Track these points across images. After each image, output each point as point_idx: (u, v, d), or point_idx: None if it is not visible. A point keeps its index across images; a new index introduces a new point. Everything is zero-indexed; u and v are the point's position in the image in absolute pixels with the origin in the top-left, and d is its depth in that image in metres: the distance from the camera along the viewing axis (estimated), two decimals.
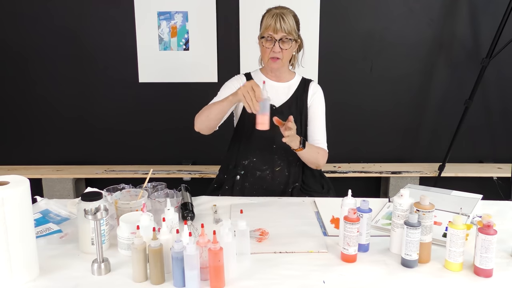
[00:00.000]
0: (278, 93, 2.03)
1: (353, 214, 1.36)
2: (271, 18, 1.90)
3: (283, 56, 1.94)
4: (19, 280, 1.25)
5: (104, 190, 1.67)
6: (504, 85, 3.20)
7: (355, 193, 1.48)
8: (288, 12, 1.93)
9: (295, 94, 2.04)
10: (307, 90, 2.06)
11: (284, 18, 1.89)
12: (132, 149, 3.29)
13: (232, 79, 2.08)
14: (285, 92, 2.04)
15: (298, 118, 2.02)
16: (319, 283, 1.27)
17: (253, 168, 2.02)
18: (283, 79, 2.05)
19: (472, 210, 1.63)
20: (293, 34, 1.92)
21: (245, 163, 2.03)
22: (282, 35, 1.90)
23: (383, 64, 3.17)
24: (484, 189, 2.50)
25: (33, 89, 3.20)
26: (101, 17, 3.09)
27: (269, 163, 2.02)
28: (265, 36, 1.92)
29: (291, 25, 1.91)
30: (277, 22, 1.89)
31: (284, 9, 1.94)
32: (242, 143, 2.05)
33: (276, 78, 2.05)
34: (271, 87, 1.98)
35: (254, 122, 1.88)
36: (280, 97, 2.03)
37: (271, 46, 1.92)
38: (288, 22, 1.90)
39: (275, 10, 1.92)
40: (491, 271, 1.30)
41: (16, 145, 3.29)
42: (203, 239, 1.24)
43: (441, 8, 3.09)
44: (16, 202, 1.20)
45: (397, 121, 3.26)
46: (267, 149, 2.02)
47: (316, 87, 2.08)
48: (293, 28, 1.92)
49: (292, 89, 2.05)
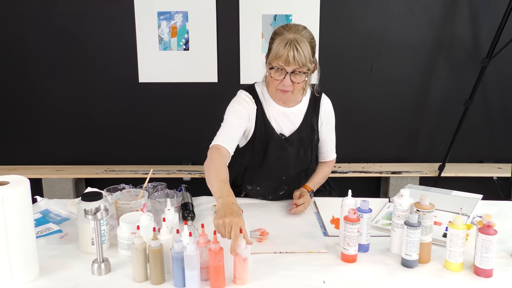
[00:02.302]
0: (288, 120, 1.82)
1: (353, 214, 1.37)
2: (284, 47, 1.59)
3: (294, 88, 1.67)
4: (19, 280, 1.25)
5: (104, 190, 1.67)
6: (504, 85, 3.20)
7: (355, 193, 1.48)
8: (304, 38, 1.62)
9: (305, 119, 1.83)
10: (317, 111, 1.85)
11: (298, 48, 1.59)
12: (132, 149, 3.29)
13: (239, 98, 1.79)
14: (295, 118, 1.83)
15: (309, 145, 1.87)
16: (319, 283, 1.27)
17: (256, 194, 1.90)
18: (291, 103, 1.81)
19: (472, 210, 1.63)
20: (307, 65, 1.63)
21: (249, 188, 1.90)
22: (294, 67, 1.62)
23: (383, 64, 3.17)
24: (484, 189, 2.50)
25: (33, 89, 3.19)
26: (101, 17, 3.09)
27: (274, 190, 1.89)
28: (274, 67, 1.65)
29: (306, 56, 1.60)
30: (290, 52, 1.59)
31: (299, 33, 1.63)
32: (249, 168, 1.90)
33: (284, 103, 1.80)
34: (279, 113, 1.82)
35: (263, 154, 1.81)
36: (288, 125, 1.83)
37: (281, 78, 1.65)
38: (303, 53, 1.59)
39: (288, 35, 1.61)
40: (491, 271, 1.30)
41: (16, 145, 3.29)
42: (203, 239, 1.24)
43: (441, 8, 3.09)
44: (16, 202, 1.20)
45: (397, 121, 3.26)
46: (276, 180, 1.87)
47: (326, 105, 1.88)
48: (308, 58, 1.62)
49: (302, 112, 1.83)
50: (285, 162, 1.85)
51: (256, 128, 1.81)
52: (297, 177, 1.90)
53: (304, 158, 1.89)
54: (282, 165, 1.86)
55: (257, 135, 1.82)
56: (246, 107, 1.77)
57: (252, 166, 1.89)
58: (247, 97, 1.80)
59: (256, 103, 1.80)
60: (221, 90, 3.07)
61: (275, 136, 1.82)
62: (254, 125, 1.81)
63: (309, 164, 1.92)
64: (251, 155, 1.86)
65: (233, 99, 1.81)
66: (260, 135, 1.82)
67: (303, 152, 1.87)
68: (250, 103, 1.79)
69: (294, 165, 1.87)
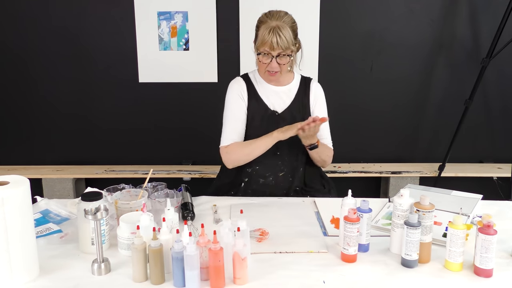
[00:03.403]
0: (280, 98, 1.99)
1: (353, 214, 1.36)
2: (268, 33, 1.80)
3: (281, 69, 1.88)
4: (19, 280, 1.25)
5: (104, 190, 1.67)
6: (504, 85, 3.20)
7: (355, 193, 1.48)
8: (285, 24, 1.82)
9: (296, 97, 2.00)
10: (308, 92, 2.01)
11: (280, 34, 1.79)
12: (132, 149, 3.29)
13: (232, 86, 2.01)
14: (286, 96, 1.99)
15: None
16: (319, 283, 1.27)
17: (256, 175, 1.98)
18: (282, 82, 1.99)
19: (472, 210, 1.63)
20: (291, 48, 1.84)
21: (249, 170, 1.98)
22: (279, 51, 1.82)
23: (383, 64, 3.17)
24: (484, 189, 2.50)
25: (33, 90, 3.20)
26: (101, 17, 3.09)
27: (272, 169, 1.98)
28: (261, 52, 1.85)
29: (288, 40, 1.81)
30: (274, 38, 1.79)
31: (281, 19, 1.83)
32: None
33: (275, 82, 1.98)
34: (271, 92, 1.98)
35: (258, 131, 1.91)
36: (281, 102, 1.99)
37: (268, 62, 1.85)
38: (285, 38, 1.80)
39: (271, 23, 1.81)
40: (491, 271, 1.30)
41: (16, 145, 3.29)
42: (203, 239, 1.24)
43: (441, 8, 3.09)
44: (16, 202, 1.20)
45: (397, 121, 3.26)
46: (270, 156, 1.95)
47: (316, 86, 2.04)
48: (290, 41, 1.82)
49: (293, 91, 2.00)
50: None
51: (250, 105, 1.97)
52: (293, 155, 1.97)
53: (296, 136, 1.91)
54: None
55: (250, 111, 1.97)
56: (238, 88, 1.98)
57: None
58: (237, 81, 2.01)
59: (247, 84, 1.99)
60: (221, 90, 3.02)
61: (269, 112, 1.97)
62: (247, 103, 1.97)
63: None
64: (247, 131, 1.98)
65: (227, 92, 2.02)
66: (254, 112, 1.97)
67: None
68: (241, 84, 1.99)
69: (286, 140, 1.91)
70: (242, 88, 1.98)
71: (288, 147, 1.96)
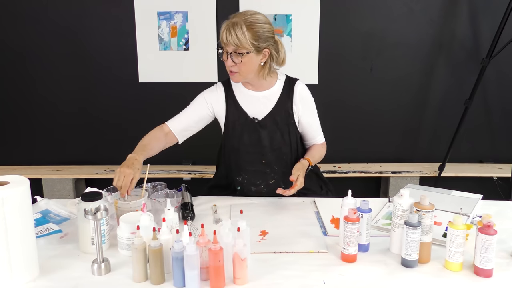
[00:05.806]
0: (261, 104, 1.88)
1: (353, 214, 1.36)
2: (222, 29, 1.73)
3: (239, 69, 1.75)
4: (19, 280, 1.25)
5: (104, 190, 1.67)
6: (504, 85, 3.20)
7: (355, 193, 1.48)
8: (242, 22, 1.70)
9: (279, 103, 1.87)
10: (291, 96, 1.87)
11: (231, 30, 1.70)
12: (132, 149, 3.26)
13: (210, 88, 1.95)
14: (268, 101, 1.88)
15: (285, 129, 1.88)
16: (319, 283, 1.27)
17: (247, 183, 1.93)
18: (261, 87, 1.87)
19: (472, 210, 1.63)
20: (246, 47, 1.71)
21: (239, 179, 1.94)
22: (232, 48, 1.72)
23: (383, 64, 3.17)
24: (484, 189, 2.50)
25: (33, 89, 3.19)
26: (101, 17, 3.09)
27: (262, 177, 1.92)
28: (220, 49, 1.78)
29: (239, 38, 1.69)
30: (224, 34, 1.72)
31: (241, 17, 1.73)
32: (232, 160, 1.95)
33: (253, 87, 1.88)
34: (250, 98, 1.89)
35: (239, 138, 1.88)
36: (261, 109, 1.88)
37: (225, 59, 1.77)
38: (235, 35, 1.69)
39: (232, 20, 1.73)
40: (491, 271, 1.30)
41: (16, 145, 3.29)
42: (203, 239, 1.24)
43: (441, 8, 3.09)
44: (16, 202, 1.20)
45: (397, 121, 3.26)
46: (257, 165, 1.91)
47: (302, 89, 1.90)
48: (244, 40, 1.69)
49: (275, 97, 1.88)
50: (261, 145, 1.89)
51: (228, 112, 1.90)
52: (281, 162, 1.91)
53: (281, 141, 1.90)
54: (258, 147, 1.89)
55: (229, 119, 1.91)
56: (208, 94, 1.93)
57: (232, 150, 1.94)
58: (215, 88, 1.94)
59: (226, 90, 1.91)
60: None
61: (248, 119, 1.89)
62: (225, 110, 1.90)
63: (290, 148, 1.92)
64: (230, 139, 1.93)
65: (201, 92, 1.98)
66: (233, 119, 1.90)
67: (280, 135, 1.89)
68: (216, 90, 1.92)
69: (271, 148, 1.89)
70: (217, 97, 1.91)
71: (276, 155, 1.91)
